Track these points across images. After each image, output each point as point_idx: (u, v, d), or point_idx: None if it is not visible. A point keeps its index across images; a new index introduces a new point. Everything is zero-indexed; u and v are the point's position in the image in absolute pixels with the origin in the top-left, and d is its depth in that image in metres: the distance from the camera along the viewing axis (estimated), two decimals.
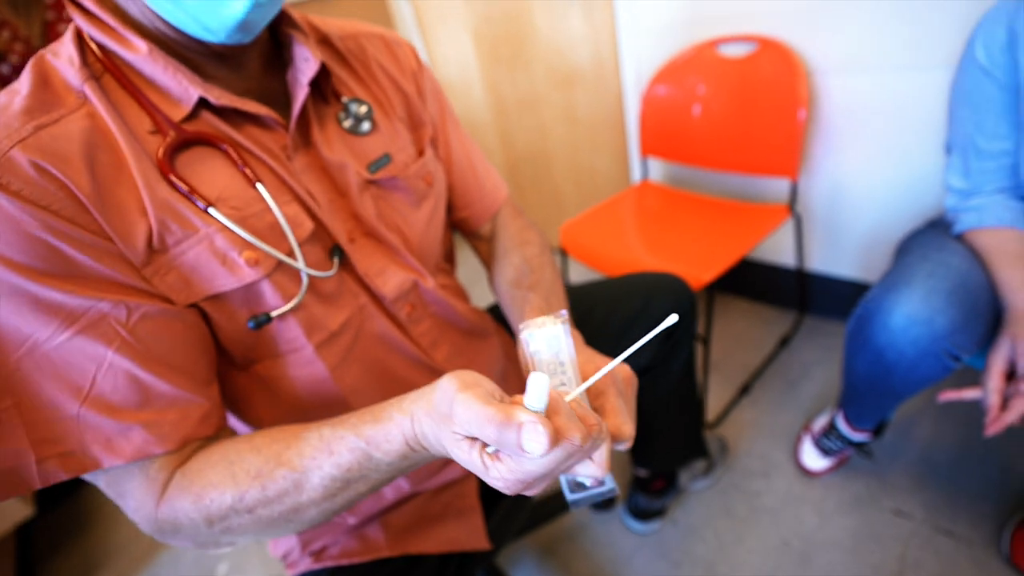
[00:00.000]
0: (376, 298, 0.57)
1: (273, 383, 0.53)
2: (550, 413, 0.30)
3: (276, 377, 0.52)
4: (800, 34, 1.14)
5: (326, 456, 0.39)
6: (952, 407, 1.14)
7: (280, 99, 0.51)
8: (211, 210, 0.43)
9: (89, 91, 0.41)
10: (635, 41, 1.39)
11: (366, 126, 0.56)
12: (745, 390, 1.32)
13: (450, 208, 0.72)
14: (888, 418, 0.99)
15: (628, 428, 0.36)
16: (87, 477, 0.41)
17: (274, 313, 0.48)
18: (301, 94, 0.49)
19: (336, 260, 0.52)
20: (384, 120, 0.58)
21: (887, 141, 1.14)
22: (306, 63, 0.50)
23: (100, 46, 0.43)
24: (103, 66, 0.43)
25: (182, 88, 0.43)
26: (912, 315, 0.72)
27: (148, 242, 0.41)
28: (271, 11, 0.43)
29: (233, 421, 0.58)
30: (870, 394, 0.87)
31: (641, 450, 1.01)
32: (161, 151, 0.42)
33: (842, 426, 1.02)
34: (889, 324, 0.74)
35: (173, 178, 0.42)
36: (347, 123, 0.55)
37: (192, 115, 0.45)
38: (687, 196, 1.39)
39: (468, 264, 1.40)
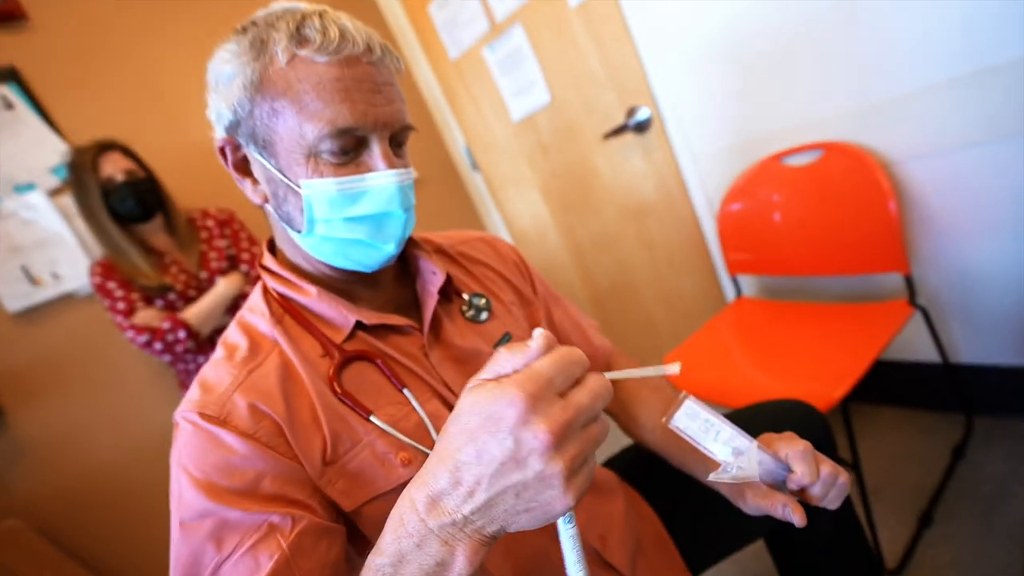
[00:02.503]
0: None
1: None
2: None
3: None
4: (863, 133, 1.14)
5: None
6: None
7: (411, 304, 0.62)
8: (372, 418, 0.51)
9: (277, 335, 0.53)
10: (697, 168, 1.45)
11: (485, 315, 0.64)
12: (926, 521, 1.10)
13: None
14: None
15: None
16: None
17: None
18: (431, 302, 0.59)
19: None
20: (499, 306, 0.67)
21: (996, 214, 1.05)
22: (434, 276, 0.60)
23: (280, 295, 0.56)
24: (283, 309, 0.56)
25: (342, 316, 0.55)
26: None
27: (323, 454, 0.49)
28: (404, 242, 0.56)
29: None
30: None
31: None
32: (332, 371, 0.51)
33: None
34: None
35: (341, 394, 0.51)
36: (470, 314, 0.64)
37: (350, 335, 0.55)
38: (790, 306, 1.31)
39: None
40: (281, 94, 0.48)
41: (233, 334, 0.55)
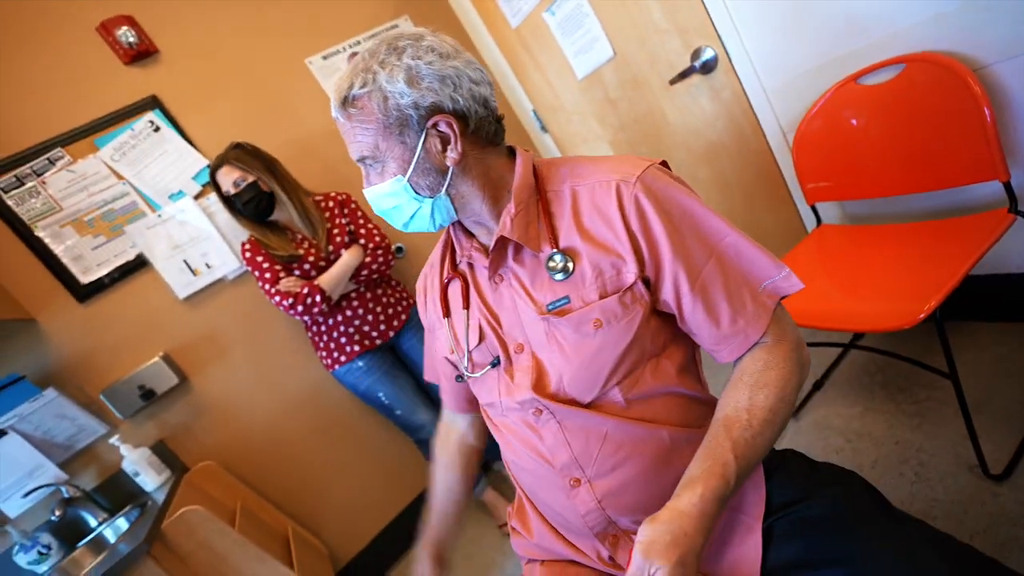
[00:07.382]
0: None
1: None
2: None
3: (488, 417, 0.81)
4: (946, 40, 1.09)
5: None
6: None
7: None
8: (447, 319, 0.77)
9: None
10: (768, 101, 1.44)
11: (560, 276, 0.66)
12: None
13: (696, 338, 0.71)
14: None
15: None
16: None
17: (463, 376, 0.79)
18: (483, 260, 0.72)
19: (489, 366, 0.73)
20: (578, 270, 0.65)
21: None
22: (496, 230, 0.69)
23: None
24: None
25: (464, 250, 0.75)
26: None
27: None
28: (421, 223, 0.71)
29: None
30: None
31: None
32: (440, 283, 0.79)
33: None
34: None
35: (441, 298, 0.78)
36: (551, 266, 0.66)
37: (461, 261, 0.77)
38: (875, 229, 1.30)
39: None
40: None
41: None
